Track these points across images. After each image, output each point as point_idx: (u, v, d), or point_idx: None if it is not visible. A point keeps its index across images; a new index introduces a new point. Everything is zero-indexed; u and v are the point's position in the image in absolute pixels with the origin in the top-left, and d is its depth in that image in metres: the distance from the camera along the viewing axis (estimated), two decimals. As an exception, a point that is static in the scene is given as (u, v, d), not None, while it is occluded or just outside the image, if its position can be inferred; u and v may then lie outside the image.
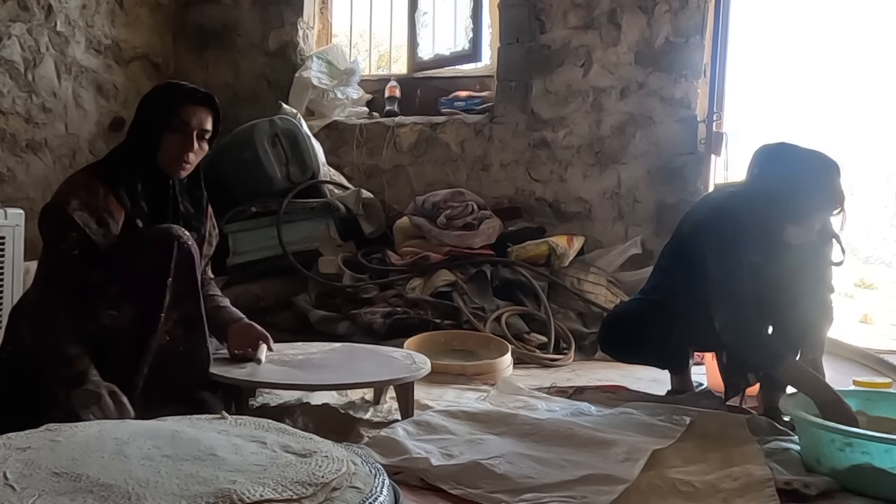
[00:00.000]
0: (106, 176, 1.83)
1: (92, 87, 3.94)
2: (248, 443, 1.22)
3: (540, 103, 4.10)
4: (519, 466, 1.66)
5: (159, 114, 1.85)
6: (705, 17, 3.87)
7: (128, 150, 1.89)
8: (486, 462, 1.66)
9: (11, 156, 3.47)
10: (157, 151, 1.86)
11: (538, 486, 1.57)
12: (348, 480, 1.14)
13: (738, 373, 2.22)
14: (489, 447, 1.79)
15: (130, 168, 1.86)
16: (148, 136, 1.85)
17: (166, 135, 1.85)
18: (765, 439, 1.91)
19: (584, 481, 1.58)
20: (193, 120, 1.87)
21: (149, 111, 1.88)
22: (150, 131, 1.85)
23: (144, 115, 1.89)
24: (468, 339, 3.12)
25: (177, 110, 1.85)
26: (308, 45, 4.56)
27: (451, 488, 1.59)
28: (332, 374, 2.03)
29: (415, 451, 1.73)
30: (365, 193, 3.92)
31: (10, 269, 2.70)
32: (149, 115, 1.87)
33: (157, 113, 1.86)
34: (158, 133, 1.85)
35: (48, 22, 3.61)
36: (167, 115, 1.85)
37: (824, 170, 1.97)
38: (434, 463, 1.67)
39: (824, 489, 1.61)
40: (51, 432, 1.23)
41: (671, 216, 3.62)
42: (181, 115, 1.85)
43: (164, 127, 1.85)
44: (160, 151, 1.86)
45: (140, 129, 1.88)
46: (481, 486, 1.58)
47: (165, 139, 1.85)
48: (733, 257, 2.03)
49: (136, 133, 1.89)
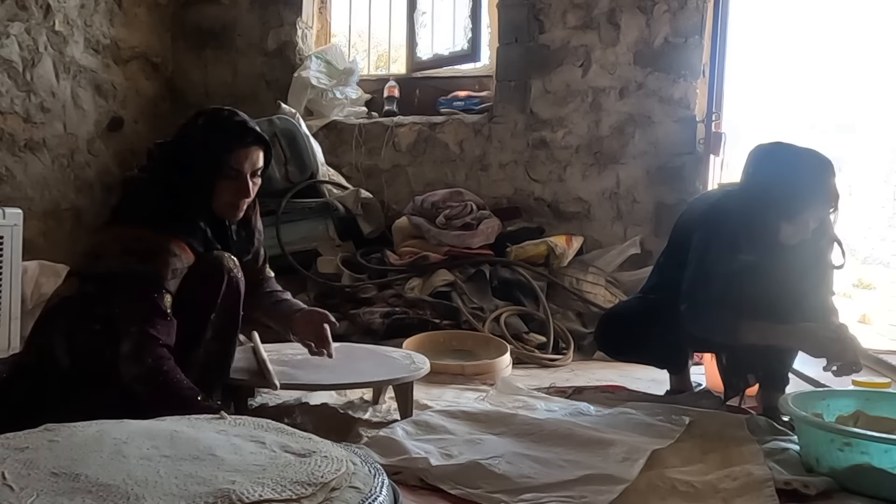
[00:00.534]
0: (177, 231, 1.78)
1: (90, 87, 3.93)
2: (247, 443, 1.22)
3: (539, 103, 4.10)
4: (518, 466, 1.66)
5: (210, 163, 1.79)
6: (704, 17, 3.87)
7: (186, 199, 1.80)
8: (486, 462, 1.66)
9: (10, 155, 3.46)
10: (211, 197, 1.82)
11: (537, 486, 1.57)
12: (348, 480, 1.13)
13: (737, 373, 2.22)
14: (488, 447, 1.79)
15: (194, 216, 1.81)
16: (201, 185, 1.80)
17: (219, 182, 1.80)
18: (764, 439, 1.91)
19: (583, 481, 1.58)
20: (246, 165, 1.81)
21: (198, 158, 1.79)
22: (201, 180, 1.79)
23: (193, 160, 1.79)
24: (467, 339, 3.12)
25: (228, 159, 1.79)
26: (307, 44, 4.55)
27: (450, 488, 1.59)
28: (331, 374, 2.03)
29: (414, 452, 1.73)
30: (364, 193, 3.92)
31: (9, 269, 2.69)
32: (198, 162, 1.79)
33: (208, 162, 1.79)
34: (211, 182, 1.80)
35: (46, 21, 3.61)
36: (218, 166, 1.79)
37: (817, 167, 1.97)
38: (433, 463, 1.67)
39: (823, 489, 1.61)
40: (49, 432, 1.22)
41: (670, 216, 3.61)
42: (233, 164, 1.79)
43: (217, 176, 1.80)
44: (214, 197, 1.82)
45: (189, 173, 1.79)
46: (481, 486, 1.58)
47: (219, 186, 1.81)
48: (716, 253, 2.03)
49: (187, 178, 1.79)
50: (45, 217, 3.66)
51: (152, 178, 1.85)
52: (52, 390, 1.72)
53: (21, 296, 2.78)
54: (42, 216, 3.63)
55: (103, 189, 4.02)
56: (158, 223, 1.75)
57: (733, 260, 2.01)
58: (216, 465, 1.10)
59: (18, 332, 2.72)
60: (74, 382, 1.71)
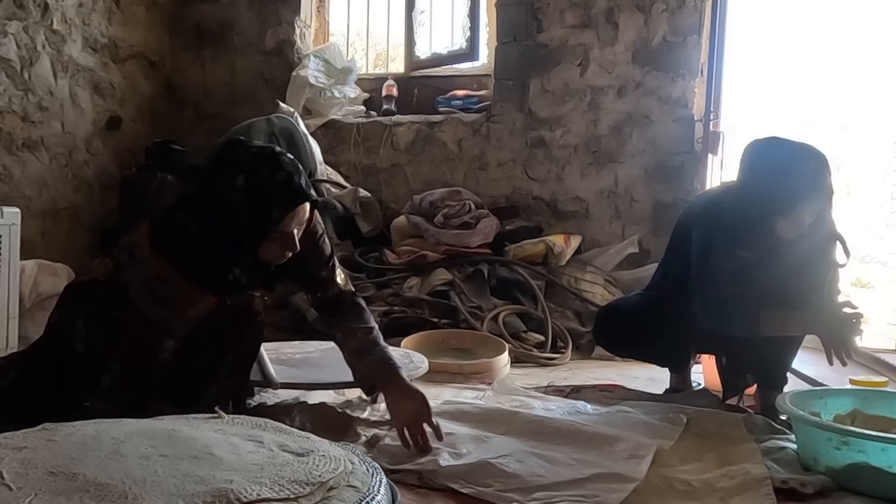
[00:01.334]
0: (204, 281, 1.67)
1: (88, 86, 3.93)
2: (245, 442, 1.22)
3: (537, 102, 4.10)
4: (528, 465, 1.65)
5: (254, 231, 1.62)
6: (702, 16, 3.88)
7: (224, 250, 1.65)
8: (496, 461, 1.64)
9: (8, 154, 3.46)
10: (254, 253, 1.67)
11: (549, 485, 1.56)
12: (345, 479, 1.13)
13: (736, 373, 2.22)
14: (496, 445, 1.78)
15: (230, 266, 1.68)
16: (243, 246, 1.64)
17: (264, 243, 1.65)
18: (762, 438, 1.91)
19: (594, 479, 1.58)
20: (293, 225, 1.64)
21: (241, 223, 1.60)
22: (245, 242, 1.63)
23: (233, 222, 1.60)
24: (466, 338, 3.12)
25: (275, 227, 1.62)
26: (305, 43, 4.55)
27: (461, 487, 1.57)
28: (330, 373, 2.03)
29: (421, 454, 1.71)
30: (362, 192, 3.92)
31: (7, 268, 2.69)
32: (241, 226, 1.60)
33: (252, 229, 1.61)
34: (256, 245, 1.65)
35: (44, 20, 3.60)
36: (265, 232, 1.62)
37: (810, 161, 1.96)
38: (442, 463, 1.65)
39: (821, 488, 1.60)
40: (47, 431, 1.22)
41: (668, 215, 3.62)
42: (280, 228, 1.62)
43: (262, 239, 1.64)
44: (259, 252, 1.66)
45: (229, 232, 1.62)
46: (492, 484, 1.57)
47: (263, 246, 1.65)
48: (716, 247, 2.03)
49: (227, 234, 1.63)
50: (43, 216, 3.65)
51: (188, 217, 1.67)
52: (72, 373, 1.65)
53: (19, 295, 2.78)
54: (40, 215, 3.63)
55: (101, 188, 4.02)
56: (187, 269, 1.64)
57: (733, 255, 2.01)
58: (214, 464, 1.10)
59: (17, 331, 2.72)
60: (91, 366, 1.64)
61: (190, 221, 1.66)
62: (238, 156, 1.63)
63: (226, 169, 1.63)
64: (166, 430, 1.24)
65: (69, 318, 1.66)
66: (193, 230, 1.65)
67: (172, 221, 1.68)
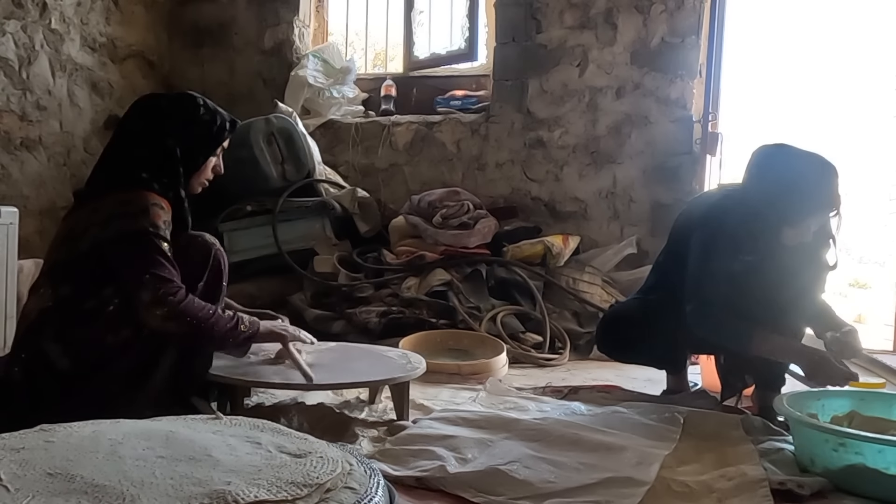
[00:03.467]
0: (160, 191, 1.85)
1: (87, 85, 3.93)
2: (242, 443, 1.22)
3: (536, 103, 4.11)
4: (537, 471, 1.64)
5: (211, 142, 1.95)
6: (701, 17, 3.88)
7: (171, 167, 1.89)
8: (505, 468, 1.63)
9: (6, 154, 3.46)
10: (194, 171, 1.95)
11: (561, 491, 1.55)
12: (343, 481, 1.13)
13: (735, 374, 2.23)
14: (501, 450, 1.77)
15: (172, 185, 1.89)
16: (197, 158, 1.94)
17: (210, 160, 1.97)
18: (759, 439, 1.92)
19: (605, 484, 1.58)
20: (226, 146, 2.02)
21: (201, 137, 1.93)
22: (199, 153, 1.94)
23: (194, 134, 1.91)
24: (463, 339, 3.12)
25: (222, 140, 1.98)
26: (304, 43, 4.55)
27: (472, 496, 1.56)
28: (328, 373, 2.03)
29: (426, 459, 1.71)
30: (360, 192, 3.91)
31: (4, 268, 2.68)
32: (201, 138, 1.93)
33: (211, 141, 1.95)
34: (205, 158, 1.95)
35: (43, 19, 3.60)
36: (217, 145, 1.96)
37: (821, 173, 1.97)
38: (450, 470, 1.64)
39: (818, 489, 1.61)
40: (45, 433, 1.22)
41: (667, 216, 3.63)
42: (224, 145, 2.00)
43: (210, 154, 1.96)
44: (198, 172, 1.96)
45: (187, 143, 1.90)
46: (503, 492, 1.56)
47: (208, 163, 1.97)
48: (714, 253, 2.03)
49: (184, 146, 1.90)
50: (41, 215, 3.65)
51: (125, 152, 1.89)
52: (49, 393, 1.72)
53: (17, 294, 2.78)
54: (38, 215, 3.63)
55: (100, 187, 4.01)
56: (143, 184, 1.81)
57: (734, 260, 2.01)
58: (212, 465, 1.10)
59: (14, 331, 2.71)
60: (79, 382, 1.73)
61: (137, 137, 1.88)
62: (183, 92, 2.02)
63: (179, 97, 1.97)
64: (164, 431, 1.24)
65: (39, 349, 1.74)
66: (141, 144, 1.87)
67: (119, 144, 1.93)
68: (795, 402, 1.84)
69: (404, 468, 1.68)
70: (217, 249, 1.98)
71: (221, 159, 2.02)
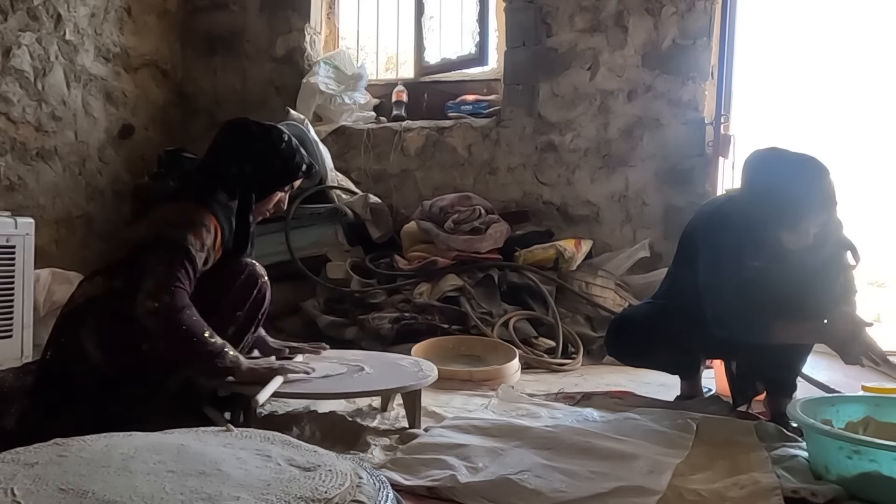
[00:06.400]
0: (216, 213, 1.91)
1: (101, 95, 3.97)
2: (253, 456, 1.23)
3: (547, 106, 4.10)
4: (549, 480, 1.63)
5: (284, 178, 2.08)
6: (712, 19, 3.86)
7: (239, 195, 1.99)
8: (516, 477, 1.62)
9: (22, 164, 3.50)
10: (260, 201, 2.05)
11: (572, 501, 1.54)
12: (352, 494, 1.14)
13: (746, 381, 2.21)
14: (512, 459, 1.76)
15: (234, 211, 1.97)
16: (264, 190, 2.05)
17: (277, 193, 2.10)
18: (773, 446, 1.90)
19: (616, 493, 1.57)
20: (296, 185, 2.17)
21: (276, 168, 2.04)
22: (268, 186, 2.06)
23: (268, 167, 2.03)
24: (476, 345, 3.12)
25: (294, 179, 2.11)
26: (315, 50, 4.57)
27: None
28: (340, 382, 2.04)
29: (437, 469, 1.71)
30: (372, 198, 3.93)
31: (21, 277, 2.72)
32: (275, 172, 2.05)
33: (283, 176, 2.07)
34: (273, 191, 2.07)
35: (57, 31, 3.64)
36: (288, 182, 2.10)
37: (810, 175, 1.94)
38: (461, 480, 1.64)
39: (832, 497, 1.59)
40: (58, 447, 1.24)
41: (679, 219, 3.61)
42: (295, 184, 2.14)
43: (279, 189, 2.09)
44: (264, 202, 2.07)
45: (260, 176, 2.02)
46: (514, 502, 1.55)
47: (274, 196, 2.10)
48: (723, 256, 2.02)
49: (258, 177, 2.01)
50: (56, 225, 3.69)
51: (207, 167, 2.00)
52: (83, 388, 1.75)
53: (34, 304, 2.81)
54: (54, 224, 3.67)
55: (115, 196, 4.06)
56: (202, 201, 1.89)
57: (741, 265, 2.00)
58: (222, 480, 1.11)
59: (31, 340, 2.74)
60: (107, 379, 1.75)
61: (213, 166, 1.99)
62: (273, 125, 2.13)
63: (265, 131, 2.08)
64: (175, 444, 1.25)
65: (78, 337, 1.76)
66: (218, 171, 1.97)
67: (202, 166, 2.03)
68: (809, 408, 1.82)
69: (416, 477, 1.68)
70: (264, 282, 2.04)
71: (287, 197, 2.14)
